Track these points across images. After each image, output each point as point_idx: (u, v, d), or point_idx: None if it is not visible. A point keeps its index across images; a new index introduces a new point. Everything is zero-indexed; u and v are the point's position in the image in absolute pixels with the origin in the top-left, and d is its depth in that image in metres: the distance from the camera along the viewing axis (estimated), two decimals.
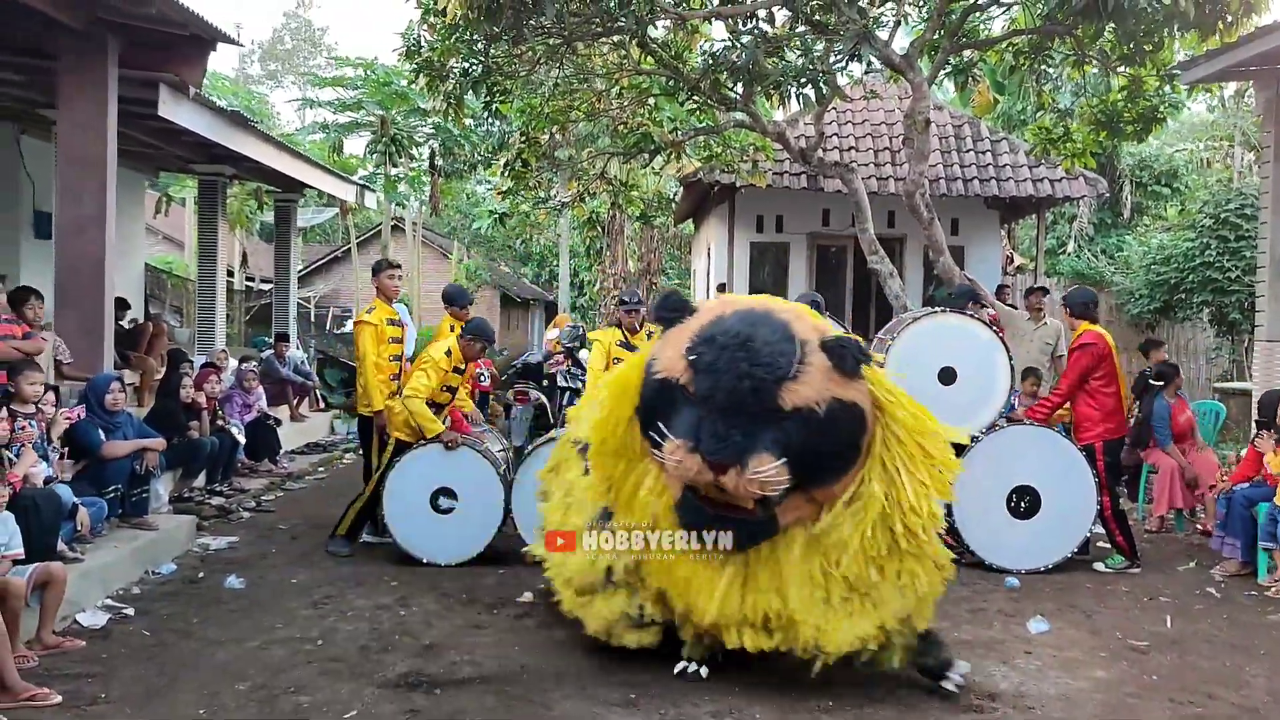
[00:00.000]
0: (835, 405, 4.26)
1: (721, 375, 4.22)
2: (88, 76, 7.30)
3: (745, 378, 4.19)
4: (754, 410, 4.18)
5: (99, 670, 4.70)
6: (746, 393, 4.18)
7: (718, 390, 4.22)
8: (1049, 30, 9.27)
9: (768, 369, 4.21)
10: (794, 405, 4.20)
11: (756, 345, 4.26)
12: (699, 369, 4.29)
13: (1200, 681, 4.84)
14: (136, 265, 13.63)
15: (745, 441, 4.14)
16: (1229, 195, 15.13)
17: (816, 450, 4.24)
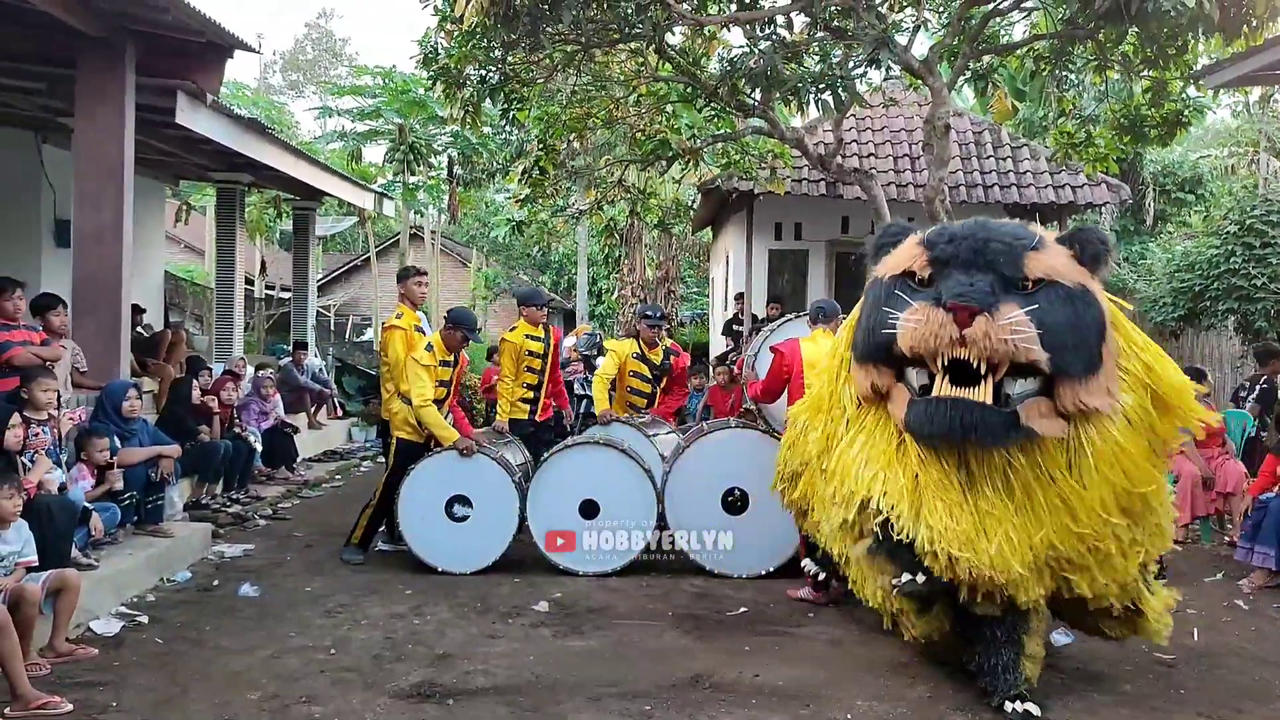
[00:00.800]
0: (1080, 289, 4.07)
1: (963, 241, 4.11)
2: (106, 84, 7.32)
3: (991, 241, 4.08)
4: (1000, 271, 4.01)
5: (111, 678, 4.67)
6: (992, 253, 4.04)
7: (960, 252, 4.07)
8: (1070, 34, 9.17)
9: (1012, 236, 4.13)
10: (1041, 274, 4.03)
11: (994, 225, 4.24)
12: (938, 247, 4.15)
13: (1229, 695, 4.73)
14: (156, 273, 13.69)
15: (992, 292, 3.94)
16: (1254, 201, 14.91)
17: (1064, 329, 3.95)
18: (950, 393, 3.98)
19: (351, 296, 31.94)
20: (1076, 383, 4.00)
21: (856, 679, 4.80)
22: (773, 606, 6.07)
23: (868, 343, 4.30)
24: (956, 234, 4.19)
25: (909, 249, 4.30)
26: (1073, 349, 3.97)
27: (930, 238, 4.26)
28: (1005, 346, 3.87)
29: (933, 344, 3.94)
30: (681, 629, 5.61)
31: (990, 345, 3.86)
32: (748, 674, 4.85)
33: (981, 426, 3.97)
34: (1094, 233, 4.28)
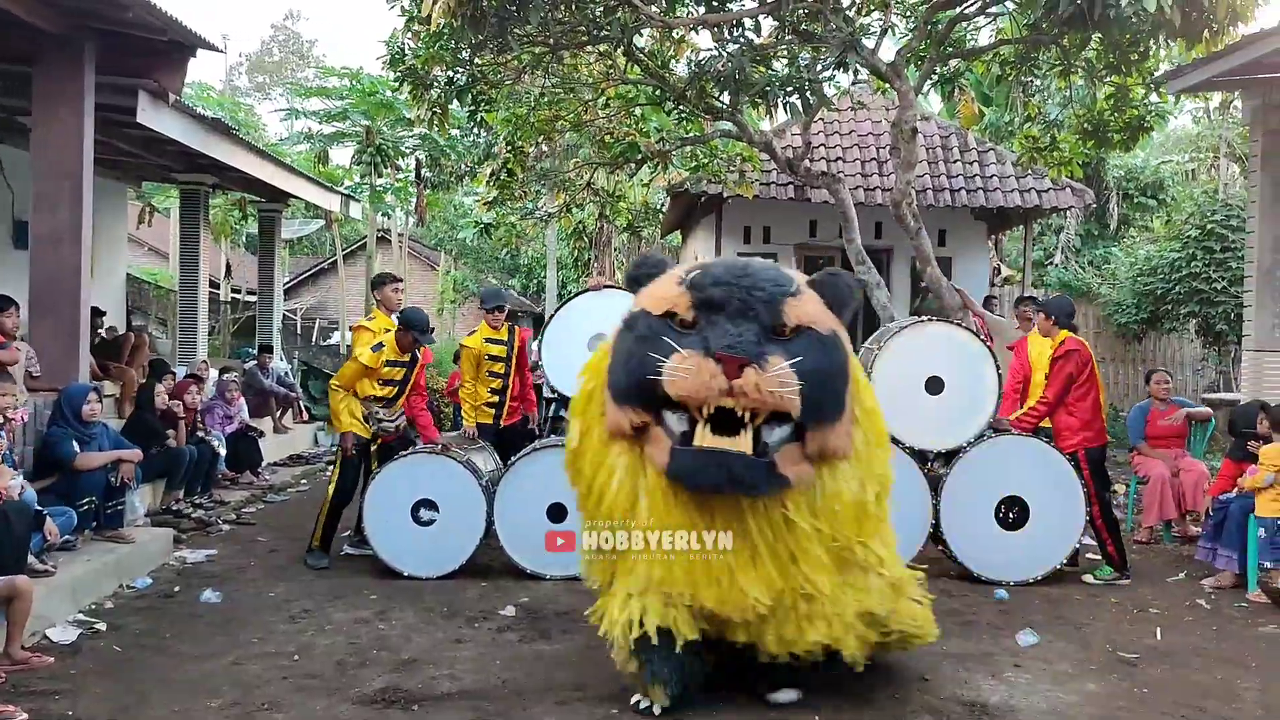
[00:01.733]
0: (832, 336, 4.16)
1: (727, 286, 4.08)
2: (64, 82, 7.19)
3: (753, 289, 4.07)
4: (763, 321, 4.03)
5: (67, 687, 4.58)
6: (755, 301, 4.04)
7: (727, 300, 4.05)
8: (1035, 40, 9.25)
9: (773, 283, 4.13)
10: (799, 322, 4.07)
11: (755, 269, 4.22)
12: (701, 291, 4.10)
13: (1192, 694, 4.77)
14: (118, 275, 13.51)
15: (759, 343, 3.97)
16: (1215, 206, 15.16)
17: (819, 376, 4.02)
18: (713, 442, 3.99)
19: (318, 300, 31.71)
20: (826, 428, 4.10)
21: (826, 682, 4.79)
22: None
23: (629, 382, 4.15)
24: (721, 279, 4.14)
25: (670, 288, 4.22)
26: (825, 396, 4.07)
27: (694, 280, 4.18)
28: (773, 398, 3.92)
29: (703, 394, 3.94)
30: None
31: (759, 397, 3.91)
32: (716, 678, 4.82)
33: (746, 479, 4.02)
34: (842, 278, 4.35)
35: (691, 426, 4.04)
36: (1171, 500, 7.86)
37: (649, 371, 4.03)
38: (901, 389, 6.72)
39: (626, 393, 4.17)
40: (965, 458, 6.70)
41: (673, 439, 4.09)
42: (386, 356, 7.03)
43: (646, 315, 4.20)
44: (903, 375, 6.74)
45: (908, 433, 6.72)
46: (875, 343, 7.12)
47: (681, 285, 4.19)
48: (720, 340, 3.94)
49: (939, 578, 6.83)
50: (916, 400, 6.74)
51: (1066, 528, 6.73)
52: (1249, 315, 8.93)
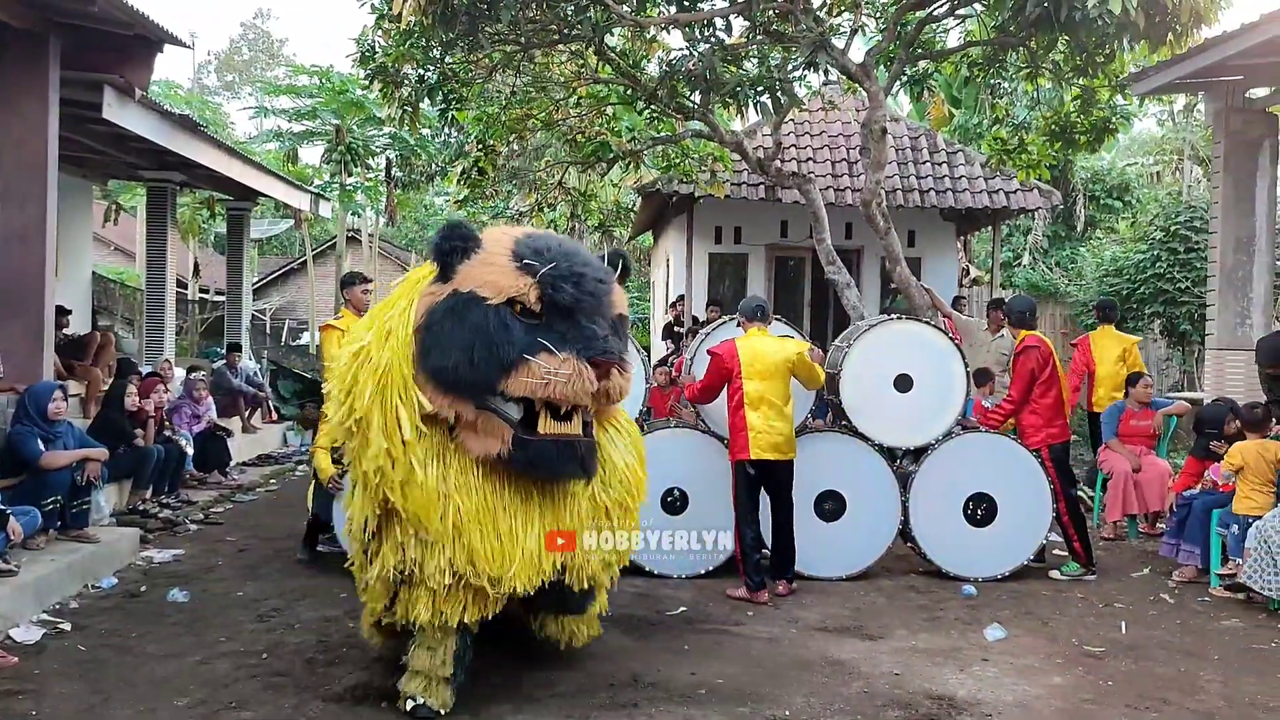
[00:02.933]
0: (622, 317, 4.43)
1: (581, 280, 4.07)
2: (29, 78, 7.12)
3: (600, 283, 4.18)
4: (606, 316, 4.21)
5: (31, 687, 4.53)
6: (602, 296, 4.18)
7: (583, 297, 4.06)
8: (1003, 42, 9.33)
9: (605, 275, 4.28)
10: (619, 311, 4.35)
11: (585, 257, 4.29)
12: (550, 280, 4.01)
13: (1155, 687, 4.83)
14: (84, 274, 13.35)
15: (621, 344, 4.23)
16: (1179, 208, 15.37)
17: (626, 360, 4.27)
18: (555, 429, 4.04)
19: (288, 300, 31.48)
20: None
21: (794, 677, 4.83)
22: (712, 606, 6.08)
23: (472, 376, 3.99)
24: (565, 273, 4.04)
25: (507, 274, 4.04)
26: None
27: (543, 275, 4.02)
28: (624, 395, 4.19)
29: (574, 393, 3.96)
30: (621, 629, 5.58)
31: (620, 396, 4.15)
32: (685, 673, 4.85)
33: (584, 460, 4.19)
34: (620, 254, 4.59)
35: (526, 414, 4.06)
36: (1133, 496, 7.97)
37: (498, 365, 3.95)
38: (871, 386, 6.78)
39: (463, 383, 4.02)
40: (934, 455, 6.76)
41: (512, 426, 4.05)
42: None
43: (482, 303, 4.01)
44: (872, 373, 6.80)
45: (877, 430, 6.78)
46: (845, 341, 7.17)
47: (522, 272, 4.03)
48: (592, 344, 4.00)
49: (908, 574, 6.92)
50: (885, 398, 6.80)
51: (1033, 524, 6.81)
52: (1211, 315, 9.07)
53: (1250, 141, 8.84)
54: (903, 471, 6.88)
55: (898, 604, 6.25)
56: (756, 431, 6.16)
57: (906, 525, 6.78)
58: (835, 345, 7.33)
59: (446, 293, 4.11)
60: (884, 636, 5.55)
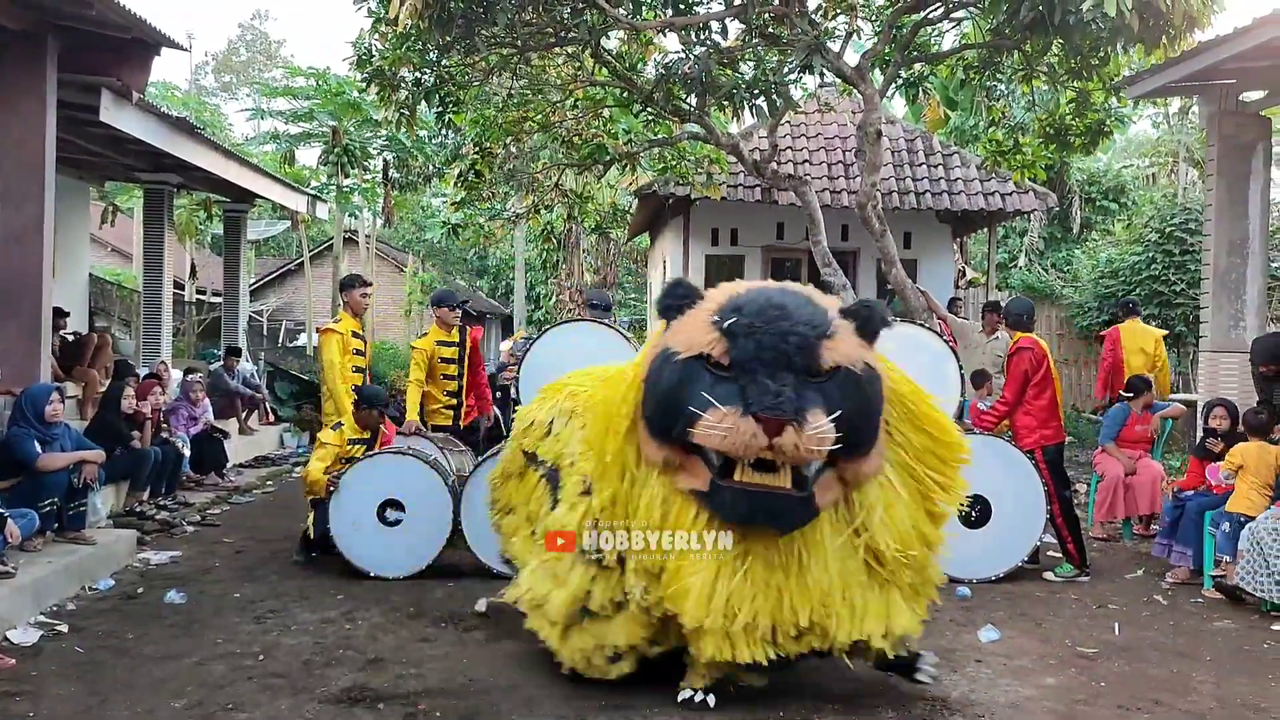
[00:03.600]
0: (866, 370, 4.16)
1: (763, 334, 4.04)
2: (27, 80, 7.15)
3: (790, 335, 4.03)
4: (799, 369, 4.02)
5: (28, 688, 4.55)
6: (792, 350, 4.01)
7: (763, 350, 4.01)
8: (997, 44, 9.38)
9: (809, 326, 4.08)
10: (834, 363, 4.06)
11: (790, 308, 4.15)
12: (735, 334, 4.07)
13: (1148, 688, 4.86)
14: (81, 275, 13.35)
15: (798, 399, 3.95)
16: (1174, 210, 15.41)
17: (855, 414, 4.05)
18: (753, 478, 4.04)
19: (285, 301, 31.48)
20: (859, 460, 4.17)
21: (790, 678, 4.83)
22: None
23: (664, 425, 4.20)
24: (755, 325, 4.08)
25: (703, 328, 4.17)
26: (860, 431, 4.11)
27: (730, 327, 4.10)
28: (812, 455, 3.97)
29: (740, 450, 3.97)
30: None
31: (799, 455, 3.95)
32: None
33: (784, 514, 4.10)
34: (873, 309, 4.36)
35: (729, 461, 4.09)
36: (1122, 500, 8.00)
37: (684, 418, 4.05)
38: None
39: (662, 431, 4.22)
40: None
41: (712, 470, 4.14)
42: (348, 435, 6.99)
43: (675, 357, 4.18)
44: None
45: None
46: None
47: (715, 328, 4.12)
48: (761, 399, 3.92)
49: None
50: None
51: (1028, 526, 6.83)
52: (1205, 317, 9.09)
53: (1243, 145, 8.87)
54: None
55: None
56: None
57: None
58: None
59: (661, 346, 4.32)
60: None
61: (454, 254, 32.91)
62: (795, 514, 4.12)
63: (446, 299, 7.90)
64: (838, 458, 4.08)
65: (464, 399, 7.81)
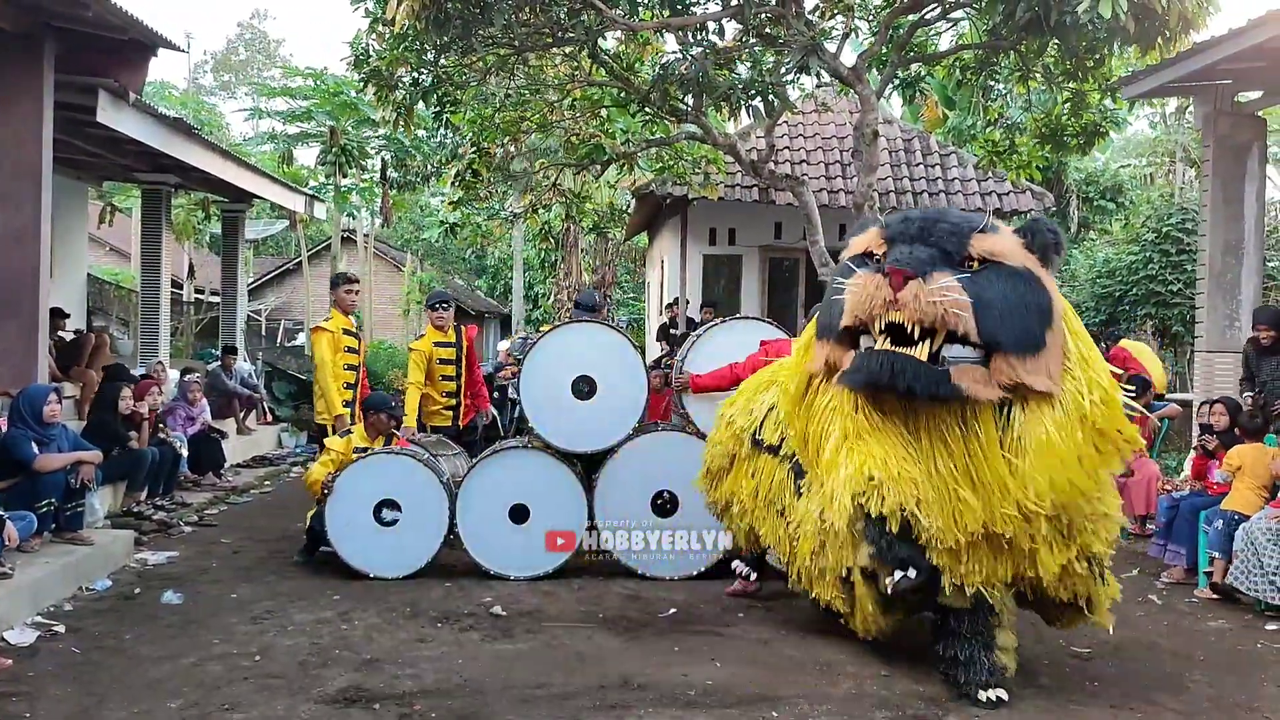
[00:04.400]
0: (1026, 272, 4.20)
1: (916, 221, 4.30)
2: (24, 81, 7.17)
3: (940, 222, 4.27)
4: (944, 247, 4.16)
5: (24, 689, 4.56)
6: (941, 230, 4.21)
7: (909, 227, 4.26)
8: (994, 45, 9.38)
9: (960, 218, 4.34)
10: (985, 253, 4.16)
11: (950, 212, 4.50)
12: (891, 227, 4.33)
13: (1141, 688, 4.87)
14: (79, 275, 13.36)
15: (928, 261, 4.08)
16: (1170, 210, 15.42)
17: (1000, 304, 4.08)
18: (885, 345, 4.15)
19: (284, 301, 31.46)
20: (1012, 357, 4.12)
21: (784, 678, 4.86)
22: (703, 607, 6.11)
23: (827, 318, 4.46)
24: (912, 215, 4.42)
25: (871, 233, 4.47)
26: (1007, 324, 4.10)
27: (888, 219, 4.47)
28: (934, 309, 4.00)
29: (868, 306, 4.10)
30: (612, 631, 5.62)
31: (919, 307, 4.00)
32: (677, 674, 4.88)
33: (911, 373, 4.09)
34: (1045, 224, 4.46)
35: None
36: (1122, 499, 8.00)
37: (837, 299, 4.27)
38: None
39: (824, 328, 4.48)
40: None
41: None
42: (355, 444, 7.05)
43: (847, 260, 4.49)
44: None
45: None
46: None
47: (878, 228, 4.43)
48: (891, 257, 4.14)
49: None
50: None
51: None
52: (1201, 317, 9.12)
53: (1239, 145, 8.90)
54: None
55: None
56: None
57: None
58: None
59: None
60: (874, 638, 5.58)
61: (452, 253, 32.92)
62: (924, 377, 4.09)
63: (435, 301, 7.98)
64: (992, 352, 4.12)
65: (462, 399, 7.85)
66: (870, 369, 4.17)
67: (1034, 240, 4.33)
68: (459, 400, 7.83)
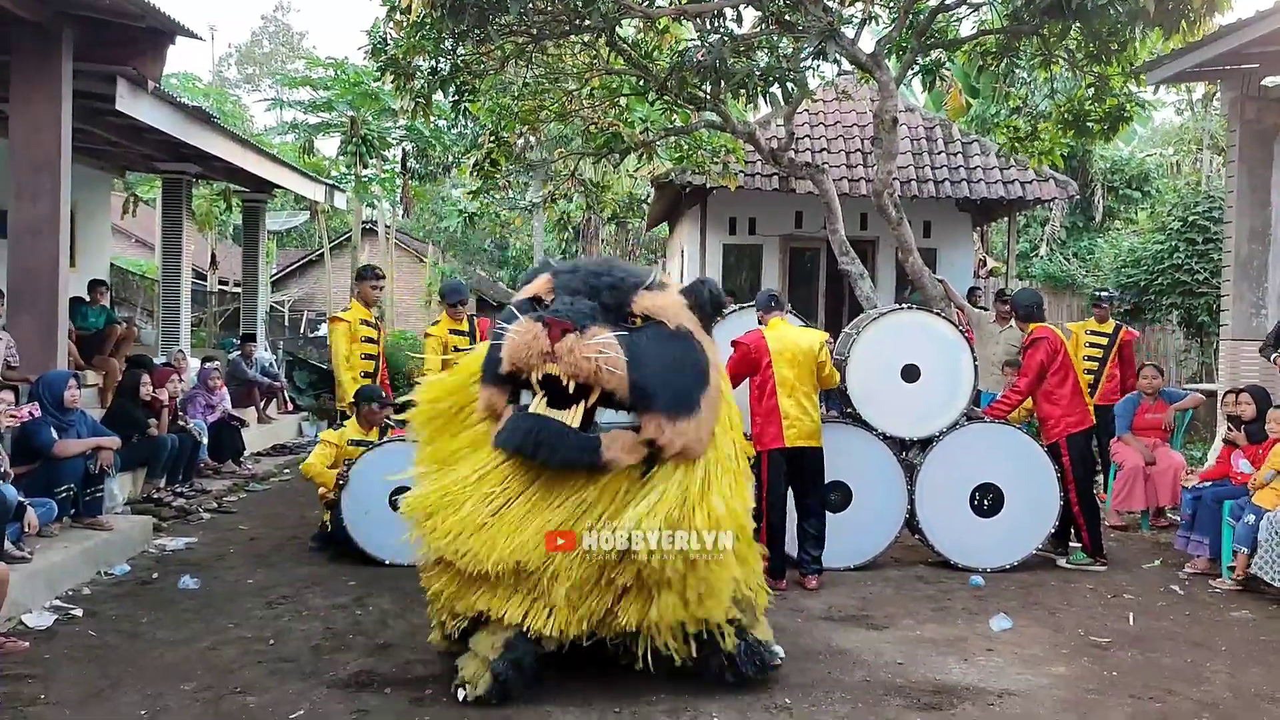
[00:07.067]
0: (686, 333, 4.26)
1: (584, 273, 4.31)
2: (42, 71, 7.19)
3: (605, 276, 4.28)
4: (606, 303, 4.18)
5: (41, 671, 4.59)
6: (603, 286, 4.22)
7: (575, 282, 4.25)
8: (1015, 30, 9.27)
9: (625, 272, 4.36)
10: (645, 311, 4.20)
11: (617, 266, 4.49)
12: (560, 276, 4.34)
13: (1161, 678, 4.81)
14: (102, 265, 13.46)
15: (590, 315, 4.08)
16: (1197, 198, 15.23)
17: (655, 363, 4.09)
18: (541, 410, 4.08)
19: (306, 291, 31.57)
20: (662, 418, 4.10)
21: (796, 666, 4.82)
22: None
23: (489, 360, 4.33)
24: (580, 266, 4.43)
25: (542, 280, 4.45)
26: (661, 384, 4.10)
27: (558, 266, 4.51)
28: (588, 364, 3.96)
29: (524, 355, 4.03)
30: None
31: (574, 361, 3.96)
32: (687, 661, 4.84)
33: (554, 442, 4.05)
34: (710, 285, 4.49)
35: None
36: (1141, 491, 7.93)
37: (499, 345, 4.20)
38: (878, 376, 6.77)
39: (487, 371, 4.32)
40: (940, 445, 6.75)
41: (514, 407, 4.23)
42: (349, 436, 7.11)
43: (512, 305, 4.44)
44: (880, 362, 6.79)
45: (884, 420, 6.77)
46: (854, 329, 7.17)
47: (551, 278, 4.40)
48: (552, 309, 4.11)
49: (916, 564, 6.91)
50: (893, 387, 6.78)
51: (1041, 514, 6.79)
52: (1226, 305, 8.99)
53: (1265, 130, 8.75)
54: (910, 462, 6.86)
55: (904, 594, 6.24)
56: (791, 419, 6.17)
57: (913, 516, 6.76)
58: (845, 333, 7.31)
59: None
60: (889, 626, 5.55)
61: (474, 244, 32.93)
62: (567, 447, 4.05)
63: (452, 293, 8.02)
64: (643, 413, 4.08)
65: None
66: (516, 435, 4.11)
67: (696, 300, 4.38)
68: None
